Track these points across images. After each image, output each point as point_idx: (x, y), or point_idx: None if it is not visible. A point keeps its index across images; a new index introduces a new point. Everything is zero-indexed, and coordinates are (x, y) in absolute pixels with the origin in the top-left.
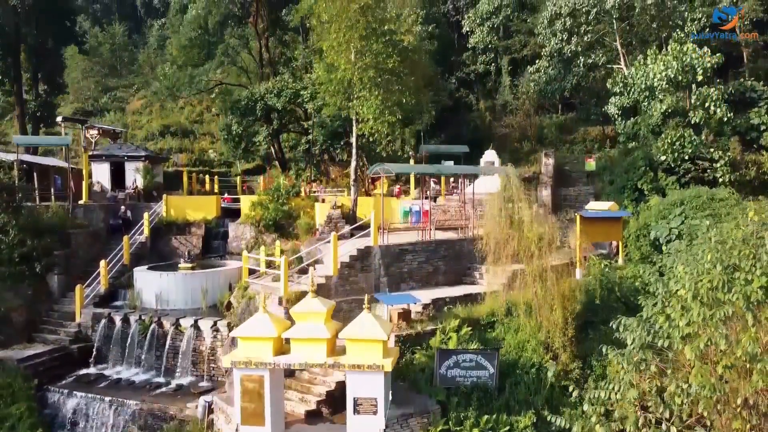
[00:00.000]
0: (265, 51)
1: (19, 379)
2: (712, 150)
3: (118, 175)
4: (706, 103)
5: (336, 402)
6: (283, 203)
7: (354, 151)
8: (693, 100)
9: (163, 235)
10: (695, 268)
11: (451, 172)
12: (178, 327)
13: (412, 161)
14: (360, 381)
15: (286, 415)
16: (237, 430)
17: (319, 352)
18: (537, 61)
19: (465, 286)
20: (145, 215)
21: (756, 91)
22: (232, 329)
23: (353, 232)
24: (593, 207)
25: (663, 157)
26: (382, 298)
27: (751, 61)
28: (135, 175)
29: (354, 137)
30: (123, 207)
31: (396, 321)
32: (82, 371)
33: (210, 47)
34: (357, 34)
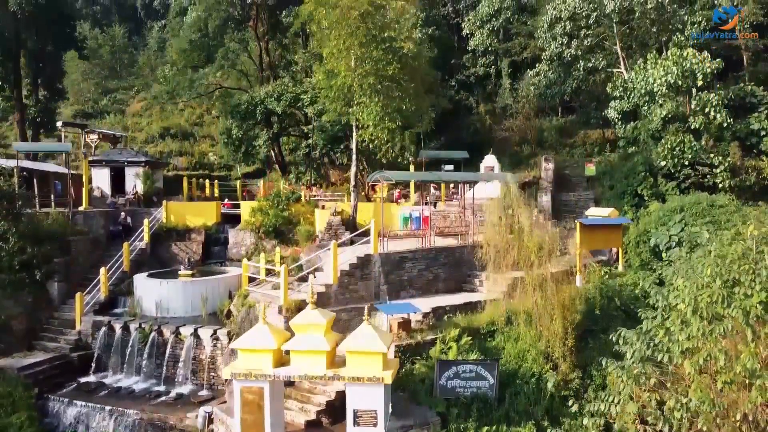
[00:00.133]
0: (265, 54)
1: (20, 388)
2: (712, 155)
3: (118, 181)
4: (706, 109)
5: (336, 412)
6: (283, 209)
7: (354, 156)
8: (693, 106)
9: (163, 241)
10: (695, 282)
11: (451, 179)
12: (178, 335)
13: (412, 167)
14: (360, 393)
15: (286, 424)
16: None
17: (319, 364)
18: (537, 64)
19: (465, 293)
20: (145, 221)
21: (756, 96)
22: (232, 338)
23: (353, 238)
24: (593, 213)
25: (663, 163)
26: (381, 308)
27: (751, 64)
28: (135, 181)
29: (354, 143)
30: (123, 213)
31: (396, 331)
32: (82, 379)
33: (210, 50)
34: (357, 40)
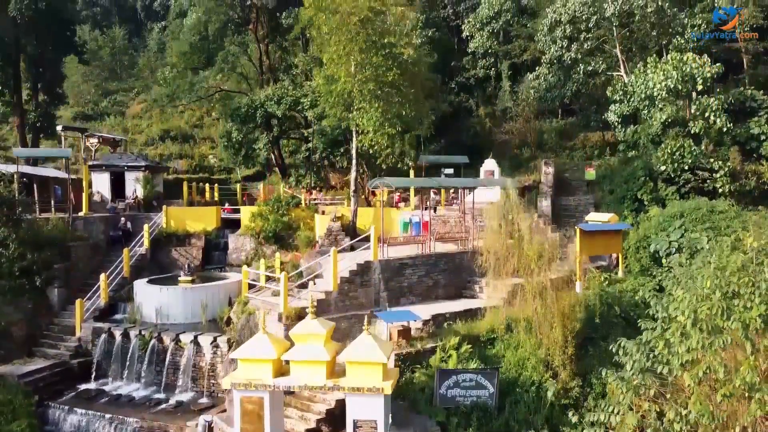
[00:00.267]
0: (265, 57)
1: (20, 396)
2: (712, 160)
3: (118, 185)
4: (706, 113)
5: (336, 420)
6: (283, 214)
7: (354, 162)
8: (693, 110)
9: (163, 246)
10: (694, 294)
11: (451, 185)
12: (178, 343)
13: (411, 172)
14: (360, 403)
15: None
16: None
17: (319, 375)
18: (537, 67)
19: (465, 300)
20: (145, 227)
21: (756, 100)
22: (231, 345)
23: (354, 244)
24: (593, 218)
25: (663, 167)
26: (381, 316)
27: (751, 67)
28: (135, 185)
29: (354, 149)
30: (123, 218)
31: (396, 339)
32: (82, 386)
33: (210, 52)
34: (357, 46)
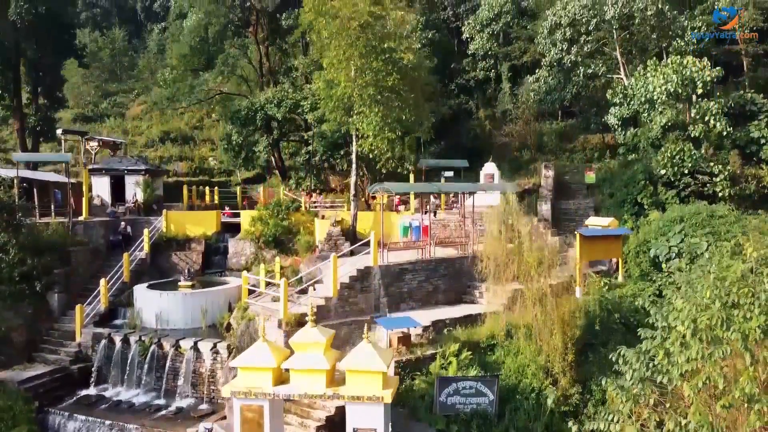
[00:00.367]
0: (265, 59)
1: (20, 402)
2: (711, 164)
3: (118, 189)
4: (706, 117)
5: (336, 427)
6: (283, 218)
7: (354, 166)
8: (693, 114)
9: (163, 250)
10: (694, 303)
11: (450, 190)
12: (178, 348)
13: (412, 176)
14: (360, 412)
15: None
16: None
17: (319, 383)
18: (537, 70)
19: (465, 305)
20: (145, 231)
21: (756, 103)
22: (231, 351)
23: (354, 249)
24: (593, 223)
25: (663, 171)
26: (381, 323)
27: (751, 70)
28: (135, 189)
29: (354, 154)
30: (123, 223)
31: (396, 346)
32: (82, 392)
33: (210, 54)
34: (357, 51)
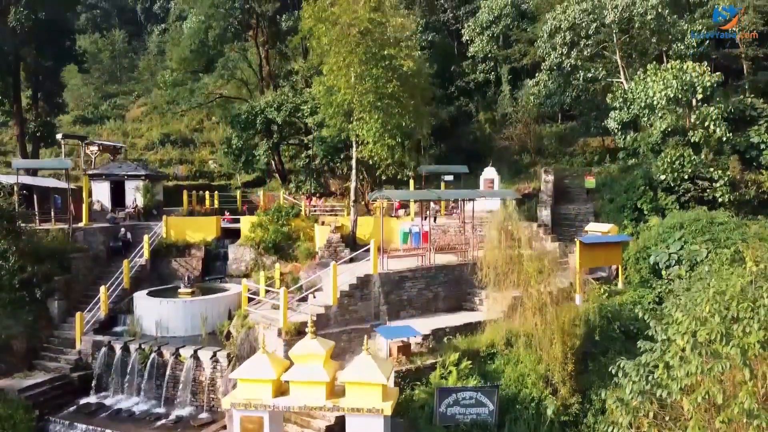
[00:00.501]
0: (265, 63)
1: (21, 411)
2: (711, 169)
3: (118, 194)
4: (706, 122)
5: None
6: (283, 224)
7: (354, 172)
8: (693, 119)
9: (163, 257)
10: (694, 317)
11: (450, 197)
12: (177, 357)
13: (411, 182)
14: (360, 424)
15: None
16: None
17: (319, 395)
18: (537, 73)
19: (465, 312)
20: (145, 238)
21: (756, 108)
22: (231, 360)
23: (353, 255)
24: (593, 229)
25: (663, 177)
26: (381, 332)
27: (752, 73)
28: (135, 194)
29: (354, 160)
30: (123, 229)
31: (395, 355)
32: (82, 400)
33: (210, 56)
34: (357, 58)
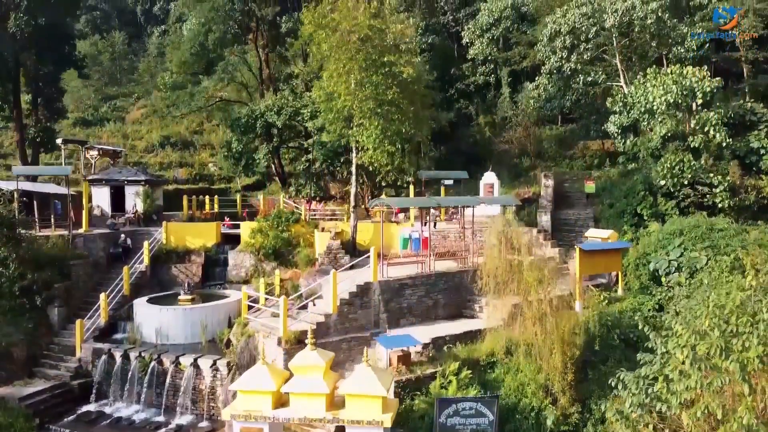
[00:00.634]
0: (265, 66)
1: (21, 419)
2: (711, 175)
3: (118, 199)
4: (706, 128)
5: None
6: (283, 230)
7: (353, 178)
8: (693, 124)
9: (163, 263)
10: (693, 330)
11: (450, 204)
12: (177, 365)
13: (411, 187)
14: None
15: None
16: None
17: (319, 407)
18: (537, 76)
19: (465, 319)
20: (145, 244)
21: (756, 113)
22: (231, 369)
23: (353, 262)
24: (593, 235)
25: (662, 182)
26: (381, 341)
27: (752, 77)
28: (135, 199)
29: (354, 166)
30: (123, 235)
31: (395, 365)
32: (82, 408)
33: (210, 59)
34: (357, 65)
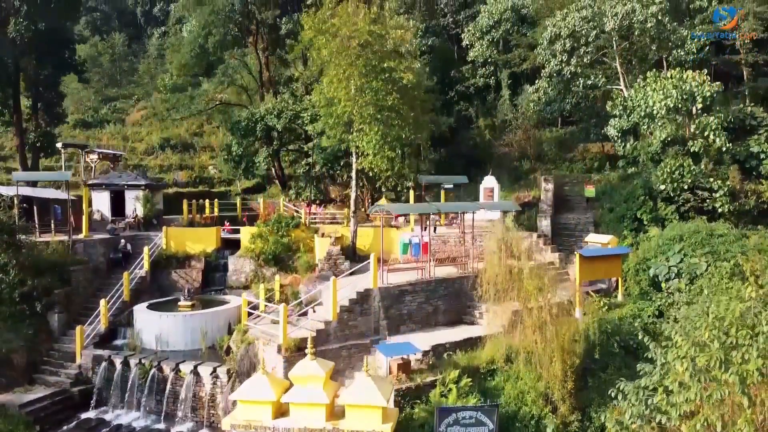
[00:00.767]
0: (265, 69)
1: (21, 426)
2: (711, 179)
3: (118, 203)
4: (706, 132)
5: None
6: (283, 235)
7: (353, 183)
8: (692, 129)
9: (163, 268)
10: (693, 342)
11: (450, 210)
12: (178, 372)
13: (411, 192)
14: None
15: None
16: None
17: (318, 417)
18: (537, 79)
19: (465, 326)
20: (145, 249)
21: (756, 117)
22: (231, 376)
23: (353, 267)
24: (593, 240)
25: (662, 187)
26: (381, 350)
27: (752, 80)
28: (135, 204)
29: (354, 171)
30: (123, 240)
31: (396, 373)
32: (83, 415)
33: (210, 62)
34: (357, 71)
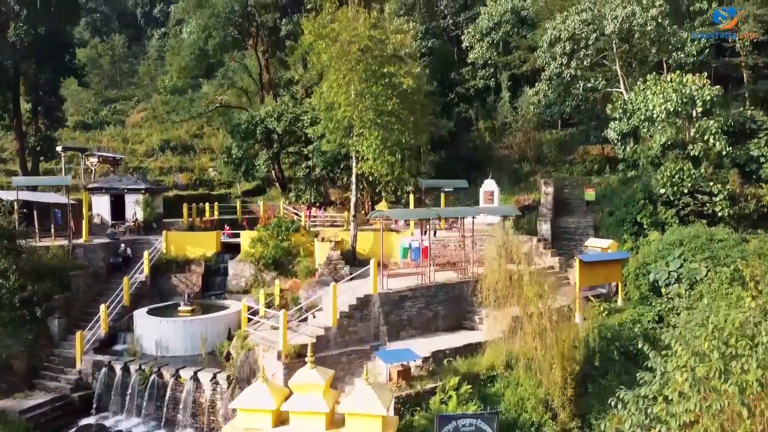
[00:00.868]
0: (265, 72)
1: None
2: (711, 183)
3: (118, 207)
4: (706, 136)
5: None
6: (283, 240)
7: (353, 187)
8: (692, 132)
9: (163, 272)
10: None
11: (450, 215)
12: (178, 378)
13: (411, 196)
14: None
15: None
16: None
17: (318, 426)
18: (537, 81)
19: (465, 331)
20: (146, 254)
21: (756, 121)
22: (231, 382)
23: (353, 273)
24: (592, 244)
25: (662, 190)
26: (381, 356)
27: (752, 82)
28: (135, 208)
29: (354, 175)
30: (123, 245)
31: (395, 380)
32: (83, 421)
33: (210, 64)
34: (357, 75)
